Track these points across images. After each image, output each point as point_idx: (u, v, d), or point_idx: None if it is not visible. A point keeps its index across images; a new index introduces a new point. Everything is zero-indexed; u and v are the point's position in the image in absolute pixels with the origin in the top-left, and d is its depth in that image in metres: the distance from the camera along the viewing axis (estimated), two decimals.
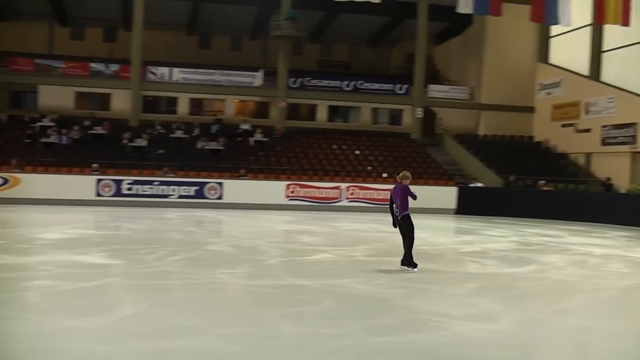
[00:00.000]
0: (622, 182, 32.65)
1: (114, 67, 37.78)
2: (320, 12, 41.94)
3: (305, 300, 9.64)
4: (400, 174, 13.37)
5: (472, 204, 29.78)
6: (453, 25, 43.18)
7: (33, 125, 34.83)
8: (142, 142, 33.00)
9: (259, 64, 41.70)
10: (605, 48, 37.07)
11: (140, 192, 28.07)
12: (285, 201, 29.26)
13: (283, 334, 7.75)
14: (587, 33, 37.67)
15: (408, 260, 12.89)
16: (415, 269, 12.69)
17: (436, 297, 10.40)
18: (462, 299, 10.26)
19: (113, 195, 27.81)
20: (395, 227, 13.28)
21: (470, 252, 16.24)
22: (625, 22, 27.39)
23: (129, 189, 27.90)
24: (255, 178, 30.97)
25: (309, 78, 39.39)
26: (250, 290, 10.54)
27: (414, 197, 12.99)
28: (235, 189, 29.13)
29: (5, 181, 27.39)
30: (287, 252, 15.41)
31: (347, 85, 39.69)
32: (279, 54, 38.82)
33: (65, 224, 19.69)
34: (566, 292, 11.66)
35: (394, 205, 13.11)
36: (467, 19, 40.10)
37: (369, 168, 34.10)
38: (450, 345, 7.61)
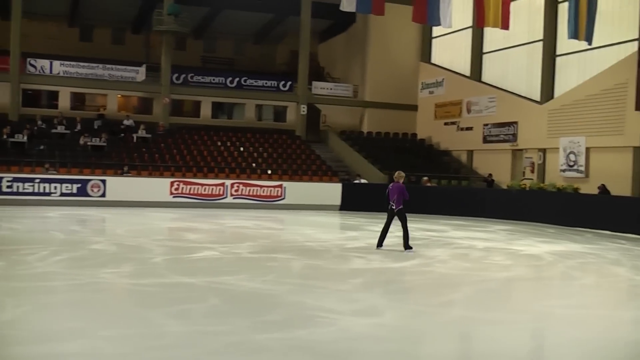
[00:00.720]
0: (504, 179, 33.93)
1: None
2: (204, 7, 41.72)
3: (191, 298, 9.68)
4: (396, 174, 16.16)
5: (356, 200, 30.26)
6: (337, 23, 43.73)
7: None
8: (22, 138, 32.06)
9: (142, 59, 41.20)
10: (485, 50, 38.38)
11: (20, 190, 27.23)
12: (170, 198, 29.02)
13: (168, 333, 7.79)
14: (468, 35, 38.91)
15: (407, 245, 15.94)
16: (412, 251, 15.77)
17: (322, 293, 10.60)
18: (347, 295, 10.51)
19: None
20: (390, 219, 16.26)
21: (355, 248, 16.56)
22: (505, 25, 28.38)
23: (9, 187, 27.04)
24: (139, 175, 30.58)
25: (192, 74, 39.16)
26: (135, 290, 10.51)
27: (408, 197, 16.06)
28: (119, 186, 28.69)
29: None
30: (171, 250, 15.36)
31: (231, 82, 39.63)
32: (162, 49, 38.43)
33: None
34: (449, 284, 12.09)
35: (391, 201, 16.07)
36: (350, 17, 40.67)
37: (254, 165, 34.20)
38: (336, 341, 7.81)
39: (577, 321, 9.61)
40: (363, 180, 33.03)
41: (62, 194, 27.74)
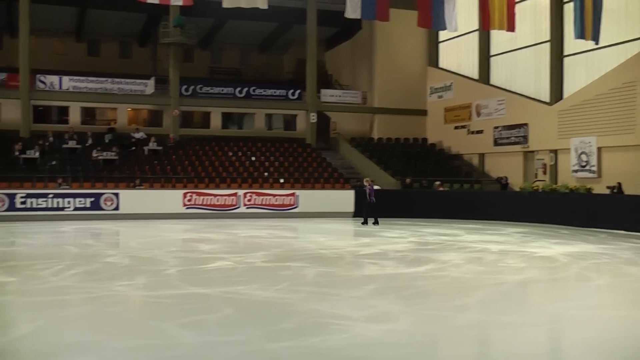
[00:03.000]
0: (516, 181, 33.80)
1: (1, 76, 36.71)
2: (209, 18, 41.78)
3: (204, 309, 9.67)
4: (369, 180, 25.35)
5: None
6: (343, 30, 43.74)
7: None
8: (34, 154, 32.20)
9: (150, 72, 41.34)
10: (493, 52, 38.31)
11: (34, 206, 27.36)
12: (183, 210, 29.07)
13: (183, 344, 7.78)
14: (474, 38, 38.86)
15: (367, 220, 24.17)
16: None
17: (335, 300, 10.56)
18: (361, 301, 10.46)
19: (6, 210, 26.98)
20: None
21: (368, 254, 16.50)
22: (511, 28, 28.32)
23: (23, 203, 27.17)
24: (151, 187, 30.67)
25: (200, 85, 39.21)
26: (149, 302, 10.51)
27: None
28: (132, 199, 28.76)
29: None
30: (185, 261, 15.37)
31: (240, 92, 39.69)
32: (169, 61, 38.54)
33: None
34: (464, 288, 12.03)
35: (370, 197, 25.21)
36: (356, 24, 40.65)
37: (266, 174, 34.22)
38: (350, 347, 7.78)
39: (593, 322, 9.54)
40: (376, 187, 32.99)
41: (76, 208, 27.85)
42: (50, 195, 27.65)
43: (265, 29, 44.42)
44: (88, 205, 28.03)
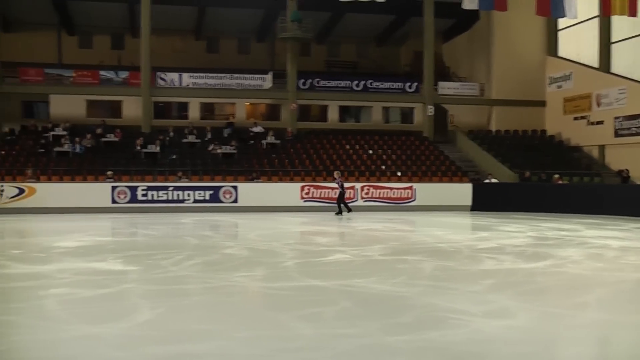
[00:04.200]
0: (638, 174, 32.45)
1: (124, 74, 37.93)
2: (326, 12, 41.94)
3: (322, 301, 9.59)
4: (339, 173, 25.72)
5: (487, 200, 29.68)
6: (460, 21, 43.11)
7: (46, 134, 35.05)
8: (155, 148, 33.09)
9: (267, 67, 41.81)
10: (614, 39, 36.94)
11: (155, 198, 28.15)
12: (301, 203, 29.28)
13: (300, 336, 7.71)
14: (595, 25, 37.57)
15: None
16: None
17: (453, 294, 10.31)
18: (479, 296, 10.19)
19: (128, 202, 27.91)
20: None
21: (486, 249, 16.12)
22: (632, 12, 27.23)
23: (144, 195, 27.98)
24: (269, 180, 31.00)
25: (318, 79, 39.42)
26: (267, 293, 10.51)
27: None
28: (250, 192, 29.17)
29: (21, 191, 27.53)
30: (303, 254, 15.38)
31: (357, 85, 39.66)
32: (287, 55, 38.85)
33: (81, 232, 19.77)
34: (583, 286, 11.55)
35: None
36: (473, 15, 40.01)
37: (383, 167, 34.06)
38: (469, 342, 7.55)
39: None
40: (494, 180, 32.35)
41: (195, 201, 28.46)
42: (171, 188, 28.34)
43: (382, 22, 44.25)
44: (207, 197, 28.60)
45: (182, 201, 28.43)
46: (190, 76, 38.26)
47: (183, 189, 28.69)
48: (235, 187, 29.04)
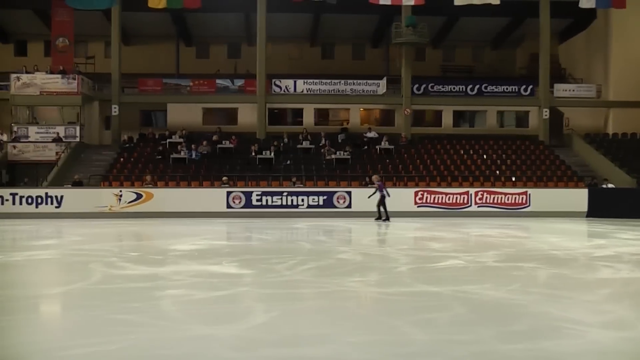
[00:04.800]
0: None
1: (239, 82, 38.70)
2: (441, 17, 41.67)
3: (436, 307, 9.47)
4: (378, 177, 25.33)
5: (604, 206, 28.71)
6: (577, 21, 42.06)
7: (163, 141, 36.07)
8: (269, 154, 33.55)
9: (382, 72, 41.78)
10: None
11: (269, 203, 28.51)
12: (414, 208, 29.08)
13: (413, 341, 7.63)
14: None
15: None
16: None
17: (568, 303, 9.99)
18: (595, 305, 9.83)
19: (243, 207, 28.37)
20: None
21: (603, 257, 15.57)
22: None
23: (259, 200, 28.36)
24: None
25: (432, 84, 39.14)
26: (381, 298, 10.44)
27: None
28: (364, 197, 29.09)
29: (139, 196, 28.40)
30: (416, 259, 15.23)
31: (472, 89, 39.21)
32: (401, 61, 38.74)
33: (197, 236, 20.23)
34: None
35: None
36: (591, 14, 38.94)
37: (497, 172, 33.49)
38: (585, 354, 7.29)
39: None
40: (610, 185, 31.31)
41: (309, 206, 28.66)
42: (285, 194, 28.63)
43: (497, 24, 43.62)
44: (321, 203, 28.77)
45: (296, 206, 28.69)
46: (305, 82, 38.65)
47: (297, 194, 28.95)
48: (349, 193, 29.11)
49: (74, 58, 40.17)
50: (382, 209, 25.95)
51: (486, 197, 29.90)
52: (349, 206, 29.08)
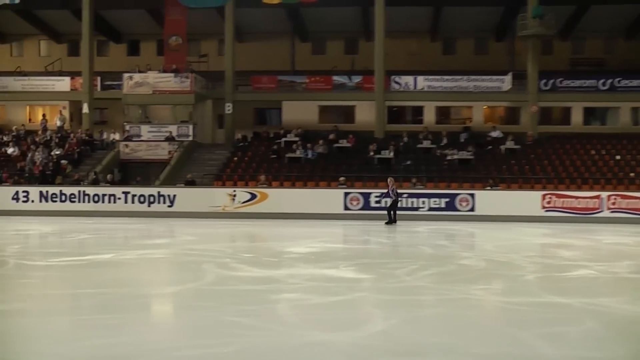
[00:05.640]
0: None
1: (357, 79, 38.80)
2: (569, 5, 40.55)
3: (565, 320, 9.26)
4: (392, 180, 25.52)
5: None
6: None
7: (278, 140, 36.52)
8: (388, 154, 33.50)
9: (506, 67, 41.07)
10: None
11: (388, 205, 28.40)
12: (541, 212, 28.42)
13: (542, 356, 7.49)
14: None
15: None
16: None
17: None
18: None
19: (361, 209, 28.41)
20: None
21: None
22: None
23: (377, 202, 28.32)
24: (508, 188, 30.40)
25: (561, 79, 38.25)
26: (506, 308, 10.31)
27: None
28: (488, 200, 28.70)
29: (253, 196, 28.87)
30: (544, 268, 14.96)
31: (603, 84, 38.10)
32: (527, 54, 38.03)
33: (313, 238, 20.48)
34: None
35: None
36: None
37: (632, 175, 32.37)
38: None
39: None
40: None
41: (430, 209, 28.48)
42: (405, 195, 28.47)
43: (631, 12, 42.04)
44: (443, 205, 28.52)
45: (417, 209, 28.52)
46: (425, 79, 38.45)
47: (417, 196, 28.79)
48: (472, 195, 28.72)
49: (186, 56, 41.17)
50: (392, 212, 25.65)
51: (619, 202, 28.87)
52: (472, 209, 28.64)
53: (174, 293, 11.26)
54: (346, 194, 29.05)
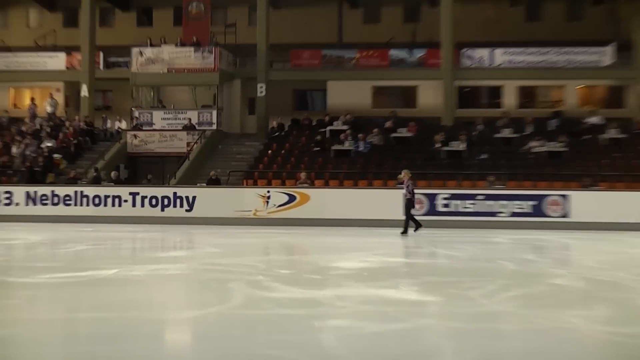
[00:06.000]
0: None
1: (419, 53, 38.77)
2: None
3: None
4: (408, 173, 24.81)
5: None
6: None
7: (322, 129, 36.49)
8: (459, 146, 33.31)
9: (607, 36, 40.57)
10: None
11: (459, 210, 28.30)
12: None
13: None
14: None
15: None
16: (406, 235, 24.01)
17: None
18: None
19: (426, 214, 28.19)
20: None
21: None
22: None
23: (446, 205, 28.17)
24: (611, 188, 29.98)
25: None
26: (613, 340, 10.02)
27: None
28: (586, 203, 28.31)
29: (292, 198, 28.80)
30: None
31: None
32: (635, 19, 37.57)
33: (366, 250, 20.40)
34: None
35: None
36: None
37: None
38: None
39: None
40: None
41: (512, 214, 28.24)
42: (480, 197, 28.30)
43: None
44: (528, 210, 28.29)
45: (495, 214, 28.30)
46: (504, 52, 38.22)
47: (496, 197, 28.54)
48: (565, 197, 28.38)
49: (210, 26, 41.28)
50: (410, 218, 24.79)
51: None
52: (566, 215, 28.26)
53: (193, 319, 11.14)
54: None
